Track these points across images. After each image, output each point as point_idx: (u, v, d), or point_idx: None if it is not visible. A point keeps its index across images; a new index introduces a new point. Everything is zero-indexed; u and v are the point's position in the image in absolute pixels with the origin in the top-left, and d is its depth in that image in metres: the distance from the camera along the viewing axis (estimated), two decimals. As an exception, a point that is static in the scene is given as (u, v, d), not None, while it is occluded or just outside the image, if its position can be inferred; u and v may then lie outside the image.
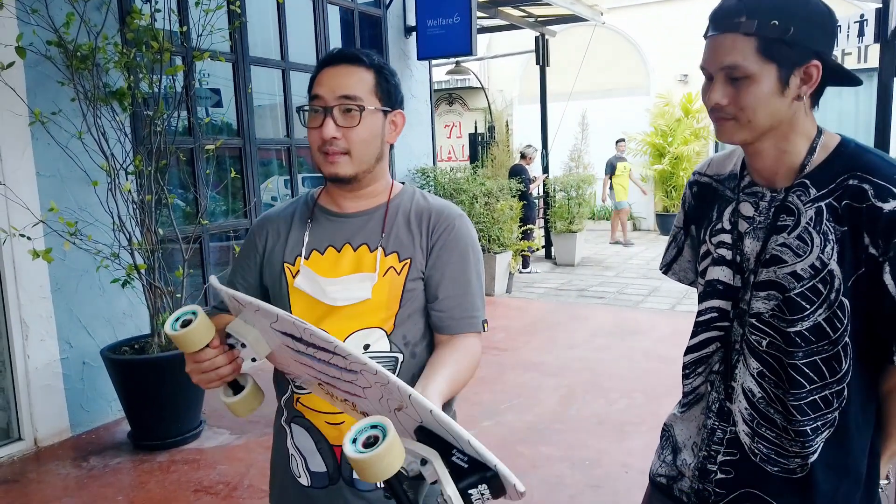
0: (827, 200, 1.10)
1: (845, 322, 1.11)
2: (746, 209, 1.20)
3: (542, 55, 9.41)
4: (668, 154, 11.75)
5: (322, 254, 1.33)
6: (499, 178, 7.99)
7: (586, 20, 9.10)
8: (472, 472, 0.88)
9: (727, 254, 1.22)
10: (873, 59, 11.26)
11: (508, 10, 8.48)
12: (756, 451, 1.21)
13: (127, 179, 3.62)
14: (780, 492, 1.18)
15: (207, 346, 1.12)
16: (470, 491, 0.87)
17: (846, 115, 11.79)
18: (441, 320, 1.30)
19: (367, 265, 1.30)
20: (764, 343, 1.17)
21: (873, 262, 1.08)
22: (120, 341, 3.72)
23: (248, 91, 4.85)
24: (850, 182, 1.09)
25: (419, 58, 6.71)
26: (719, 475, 1.24)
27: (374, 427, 0.88)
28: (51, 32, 3.39)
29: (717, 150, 12.17)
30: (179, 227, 3.83)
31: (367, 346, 1.28)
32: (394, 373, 1.21)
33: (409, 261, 1.31)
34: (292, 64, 5.34)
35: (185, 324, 1.10)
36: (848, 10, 9.36)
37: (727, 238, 1.22)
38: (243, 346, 1.14)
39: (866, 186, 1.08)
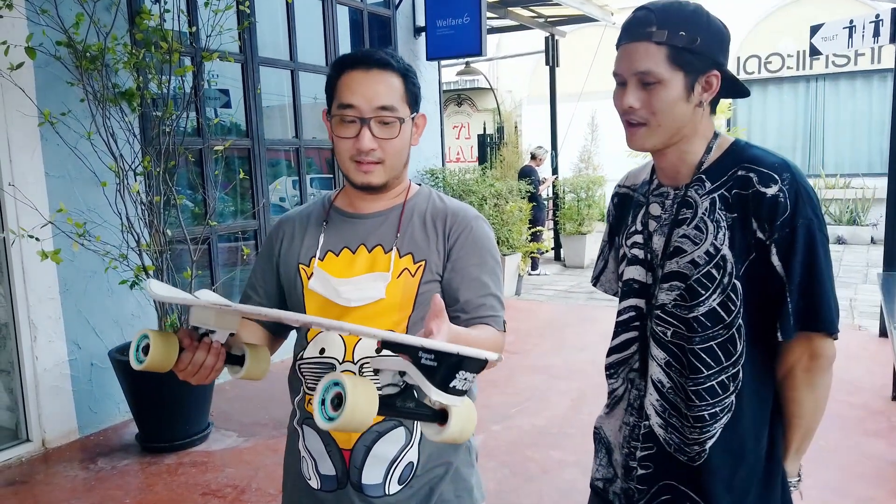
0: (720, 191, 1.19)
1: (738, 304, 1.18)
2: (655, 209, 1.29)
3: (551, 56, 9.37)
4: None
5: (337, 255, 1.33)
6: (508, 179, 7.95)
7: (596, 20, 9.05)
8: (441, 365, 0.88)
9: (639, 253, 1.30)
10: (887, 60, 11.16)
11: (518, 10, 8.44)
12: (670, 441, 1.26)
13: (136, 180, 3.61)
14: (689, 479, 1.24)
15: (180, 355, 1.12)
16: (451, 384, 0.89)
17: (859, 116, 11.68)
18: (461, 322, 1.28)
19: (382, 266, 1.29)
20: (668, 333, 1.24)
21: (761, 245, 1.16)
22: (128, 342, 3.70)
23: (257, 92, 4.84)
24: (739, 173, 1.19)
25: (428, 58, 6.69)
26: (640, 471, 1.29)
27: (335, 385, 0.87)
28: (60, 33, 3.38)
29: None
30: (188, 228, 3.82)
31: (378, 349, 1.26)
32: None
33: (423, 263, 1.29)
34: (301, 64, 5.32)
35: (147, 349, 1.10)
36: (862, 10, 9.27)
37: (639, 238, 1.31)
38: (212, 332, 1.14)
39: (751, 175, 1.18)
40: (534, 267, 8.42)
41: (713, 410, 1.20)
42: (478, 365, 0.90)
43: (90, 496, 3.11)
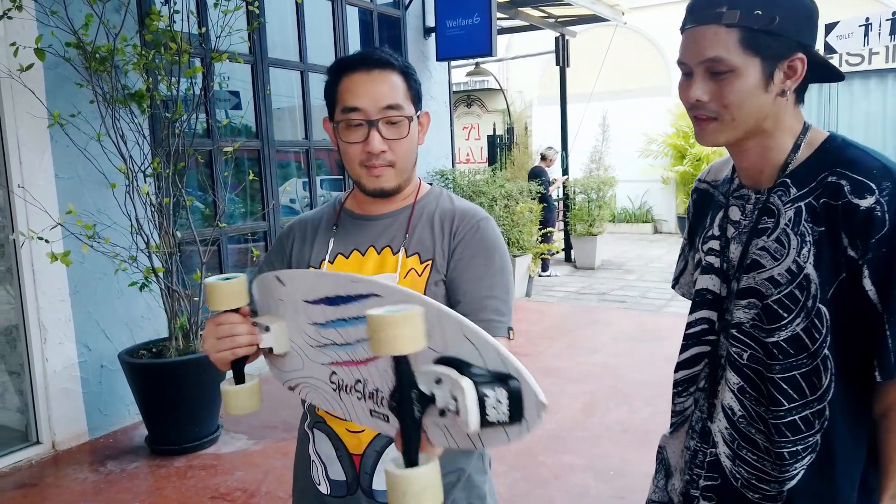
0: (807, 200, 1.03)
1: (824, 332, 1.02)
2: (734, 213, 1.14)
3: (562, 56, 9.31)
4: (690, 155, 11.58)
5: (347, 258, 1.31)
6: (518, 180, 7.91)
7: (607, 20, 9.00)
8: (490, 380, 0.82)
9: (715, 261, 1.16)
10: (902, 58, 11.05)
11: (528, 10, 8.40)
12: (737, 475, 1.12)
13: (145, 182, 3.60)
14: None
15: (236, 311, 1.11)
16: (486, 393, 0.80)
17: (874, 116, 11.55)
18: None
19: (390, 267, 1.27)
20: (745, 356, 1.09)
21: (853, 265, 0.99)
22: (138, 345, 3.70)
23: (267, 93, 4.82)
24: (829, 179, 1.02)
25: (438, 59, 6.66)
26: (702, 502, 1.16)
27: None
28: (70, 34, 3.38)
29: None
30: (197, 230, 3.81)
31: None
32: None
33: (430, 262, 1.27)
34: (311, 65, 5.30)
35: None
36: (875, 8, 9.17)
37: (716, 244, 1.16)
38: (267, 329, 1.12)
39: (843, 182, 1.00)
40: (544, 268, 8.37)
41: (794, 448, 1.05)
42: (520, 401, 0.81)
43: (99, 499, 3.09)
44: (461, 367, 0.84)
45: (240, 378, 1.14)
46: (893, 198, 0.97)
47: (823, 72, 1.07)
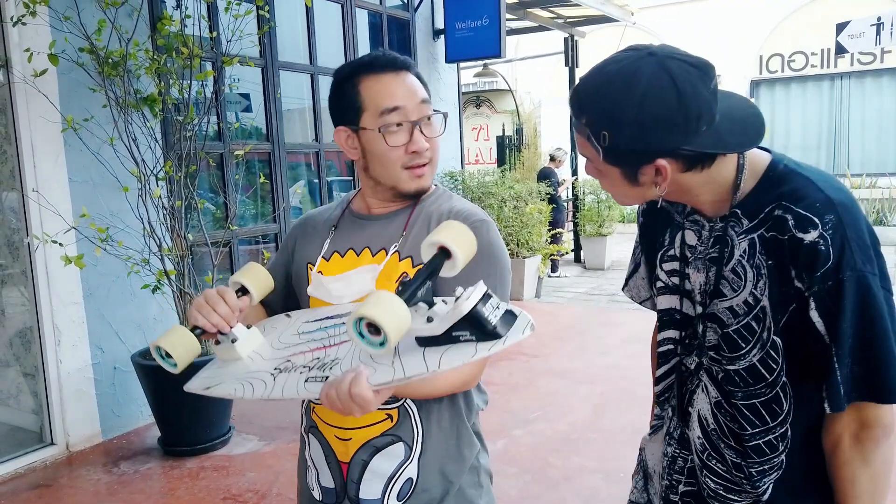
0: (758, 232, 1.03)
1: (780, 362, 1.04)
2: (690, 237, 1.14)
3: (571, 57, 9.30)
4: (700, 156, 11.53)
5: (342, 256, 1.31)
6: (528, 181, 7.90)
7: (616, 20, 8.98)
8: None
9: (678, 281, 1.18)
10: (915, 57, 10.96)
11: (537, 11, 8.39)
12: (704, 485, 1.16)
13: (157, 185, 3.63)
14: None
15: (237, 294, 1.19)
16: (491, 296, 0.97)
17: (886, 114, 11.47)
18: None
19: (397, 270, 1.24)
20: (720, 376, 1.12)
21: (800, 296, 1.00)
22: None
23: (278, 96, 4.85)
24: (776, 212, 1.02)
25: (447, 60, 6.67)
26: None
27: (359, 321, 0.89)
28: (83, 39, 3.41)
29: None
30: (209, 232, 3.83)
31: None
32: None
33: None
34: (321, 68, 5.32)
35: (166, 354, 1.13)
36: (888, 7, 9.11)
37: (676, 266, 1.17)
38: (234, 341, 1.18)
39: (788, 216, 1.00)
40: (554, 269, 8.36)
41: (761, 468, 1.09)
42: (521, 322, 0.97)
43: (113, 500, 3.12)
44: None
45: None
46: (836, 231, 0.97)
47: (707, 156, 1.02)
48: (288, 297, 1.38)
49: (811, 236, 0.98)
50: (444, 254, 0.98)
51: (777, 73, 11.75)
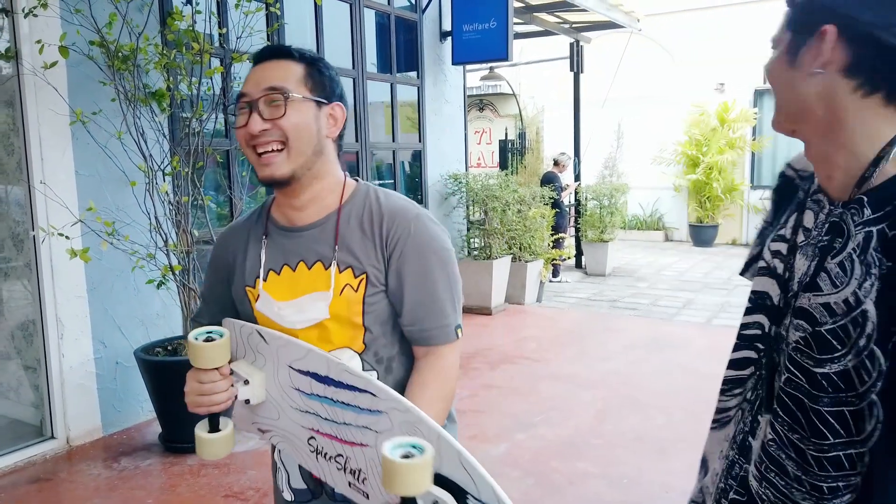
0: (880, 226, 0.87)
1: (874, 375, 0.90)
2: (808, 218, 1.01)
3: (576, 62, 9.31)
4: (702, 164, 11.54)
5: (279, 273, 1.27)
6: (530, 185, 7.90)
7: (622, 27, 8.99)
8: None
9: (779, 266, 1.05)
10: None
11: (544, 16, 8.40)
12: (763, 497, 1.04)
13: (164, 180, 3.62)
14: None
15: (217, 369, 1.16)
16: None
17: None
18: (411, 334, 1.25)
19: (323, 283, 1.23)
20: (782, 378, 1.00)
21: None
22: (153, 342, 3.71)
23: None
24: None
25: (454, 62, 6.67)
26: None
27: (413, 447, 0.92)
28: (93, 32, 3.40)
29: (752, 161, 11.94)
30: (214, 229, 3.82)
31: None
32: None
33: (364, 276, 1.22)
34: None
35: (207, 341, 1.14)
36: None
37: (783, 248, 1.05)
38: (246, 383, 1.18)
39: None
40: (555, 274, 8.35)
41: (834, 485, 0.96)
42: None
43: (113, 495, 3.11)
44: (457, 493, 0.92)
45: (214, 425, 1.19)
46: None
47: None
48: (236, 316, 1.34)
49: None
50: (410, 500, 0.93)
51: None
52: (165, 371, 3.49)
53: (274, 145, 1.18)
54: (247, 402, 1.18)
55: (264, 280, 1.27)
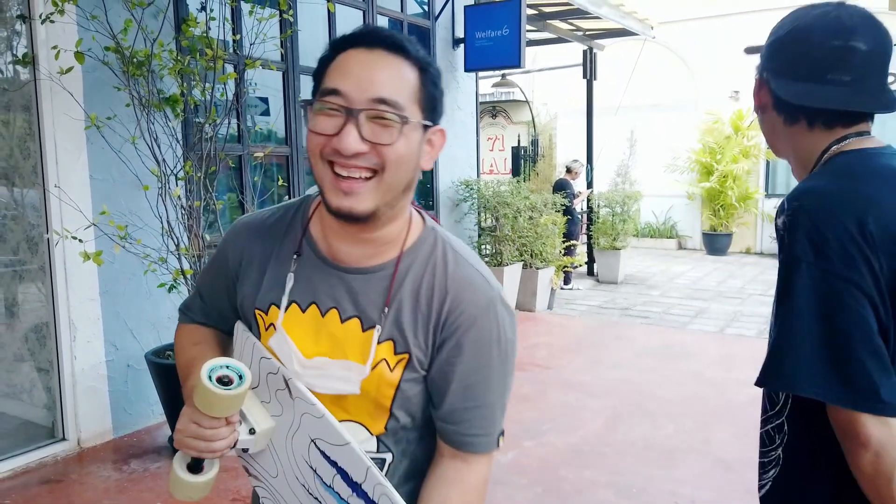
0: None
1: None
2: None
3: (589, 69, 9.30)
4: (717, 172, 11.48)
5: (303, 311, 1.02)
6: (542, 192, 7.89)
7: (636, 34, 8.97)
8: None
9: None
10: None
11: (557, 23, 8.41)
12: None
13: (177, 185, 3.65)
14: None
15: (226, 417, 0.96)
16: None
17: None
18: (446, 434, 1.02)
19: (357, 349, 0.99)
20: None
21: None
22: (164, 345, 3.73)
23: (298, 100, 4.87)
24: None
25: (466, 69, 6.68)
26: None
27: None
28: (109, 38, 3.44)
29: (767, 169, 11.85)
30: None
31: None
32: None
33: (406, 356, 0.99)
34: (341, 74, 5.35)
35: (224, 383, 0.92)
36: (911, 26, 9.02)
37: None
38: (251, 432, 1.00)
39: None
40: (566, 281, 8.33)
41: (763, 460, 1.14)
42: None
43: (122, 497, 3.12)
44: None
45: (197, 466, 1.00)
46: (794, 217, 1.05)
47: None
48: (235, 316, 1.13)
49: (779, 221, 1.07)
50: None
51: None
52: (176, 374, 3.49)
53: (364, 172, 0.92)
54: (245, 450, 1.01)
55: (285, 309, 1.02)
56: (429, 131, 0.98)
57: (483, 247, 6.96)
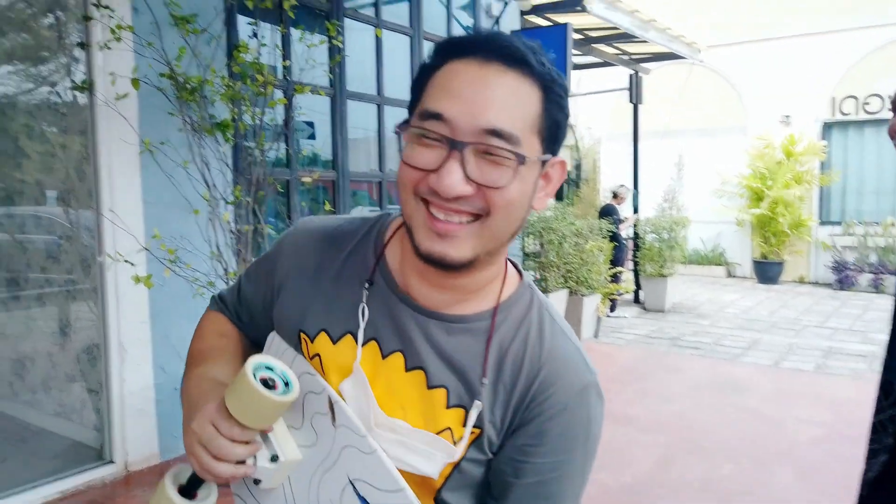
0: None
1: None
2: None
3: (635, 93, 9.18)
4: (767, 198, 11.16)
5: (384, 357, 0.86)
6: (587, 217, 7.76)
7: (683, 58, 8.84)
8: None
9: None
10: None
11: (602, 47, 8.34)
12: None
13: (226, 209, 3.66)
14: None
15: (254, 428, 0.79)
16: None
17: None
18: None
19: (436, 420, 0.83)
20: None
21: None
22: (210, 369, 3.72)
23: (345, 126, 4.89)
24: None
25: (512, 94, 6.65)
26: None
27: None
28: (163, 65, 3.50)
29: (821, 196, 11.48)
30: (273, 258, 3.84)
31: None
32: None
33: (478, 434, 0.83)
34: (388, 99, 5.36)
35: (268, 385, 0.78)
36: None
37: None
38: (274, 459, 0.82)
39: None
40: (612, 309, 8.14)
41: (872, 447, 1.26)
42: None
43: (166, 524, 3.09)
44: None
45: (192, 487, 0.84)
46: None
47: None
48: (267, 327, 0.97)
49: None
50: None
51: (851, 116, 11.32)
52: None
53: (465, 216, 0.77)
54: (256, 482, 0.84)
55: (333, 341, 0.87)
56: (546, 164, 0.82)
57: (527, 272, 6.85)
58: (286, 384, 0.79)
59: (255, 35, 3.79)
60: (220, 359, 0.95)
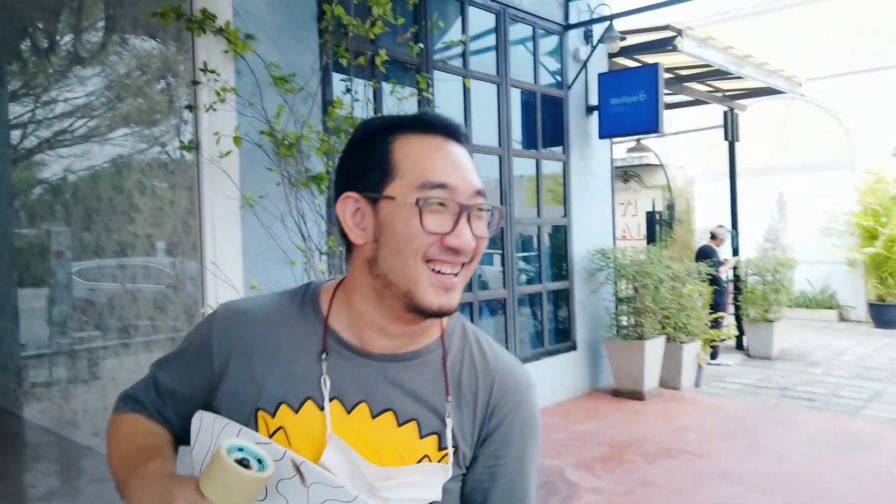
0: None
1: None
2: None
3: (731, 130, 8.84)
4: (882, 236, 10.38)
5: (349, 412, 0.91)
6: (683, 259, 7.45)
7: (782, 92, 8.47)
8: None
9: None
10: None
11: (694, 85, 8.12)
12: None
13: (320, 260, 3.74)
14: None
15: None
16: None
17: None
18: None
19: (413, 452, 0.91)
20: None
21: None
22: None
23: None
24: None
25: (601, 136, 6.55)
26: None
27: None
28: (263, 123, 3.66)
29: (944, 232, 10.57)
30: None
31: None
32: None
33: (450, 453, 0.92)
34: (475, 146, 5.39)
35: (244, 465, 0.78)
36: None
37: None
38: None
39: None
40: (714, 356, 7.71)
41: None
42: None
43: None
44: None
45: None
46: None
47: None
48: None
49: None
50: None
51: None
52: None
53: (459, 268, 0.90)
54: None
55: (320, 408, 0.91)
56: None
57: (621, 318, 6.60)
58: (259, 461, 0.80)
59: (348, 90, 3.91)
60: (166, 454, 0.94)
